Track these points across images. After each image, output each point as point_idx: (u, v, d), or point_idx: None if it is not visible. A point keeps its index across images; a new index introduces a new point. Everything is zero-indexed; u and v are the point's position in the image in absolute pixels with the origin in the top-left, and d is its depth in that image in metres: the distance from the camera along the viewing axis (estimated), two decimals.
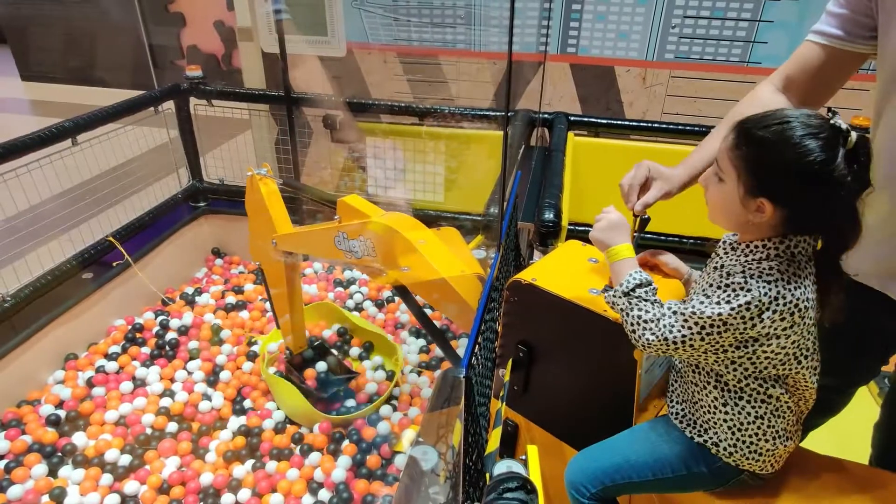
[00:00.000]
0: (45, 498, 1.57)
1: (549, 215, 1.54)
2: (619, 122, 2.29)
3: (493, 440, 1.06)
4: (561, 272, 1.25)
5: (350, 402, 1.89)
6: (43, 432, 1.72)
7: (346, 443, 1.74)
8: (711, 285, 0.91)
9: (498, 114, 2.20)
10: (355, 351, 2.09)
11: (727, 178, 0.90)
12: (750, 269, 0.87)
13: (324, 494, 1.63)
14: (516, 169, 1.79)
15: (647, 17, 2.62)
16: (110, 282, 2.14)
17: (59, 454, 1.69)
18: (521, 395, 1.33)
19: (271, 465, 1.70)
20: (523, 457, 0.99)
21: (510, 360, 1.30)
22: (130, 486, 1.62)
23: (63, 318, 1.98)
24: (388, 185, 2.44)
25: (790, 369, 0.93)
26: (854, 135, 0.81)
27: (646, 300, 0.96)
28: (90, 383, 1.91)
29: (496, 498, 0.82)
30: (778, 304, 0.85)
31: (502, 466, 0.88)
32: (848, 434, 1.40)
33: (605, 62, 2.70)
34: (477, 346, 1.03)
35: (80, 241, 2.12)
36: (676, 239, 2.41)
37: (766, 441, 0.98)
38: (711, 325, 0.88)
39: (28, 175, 1.90)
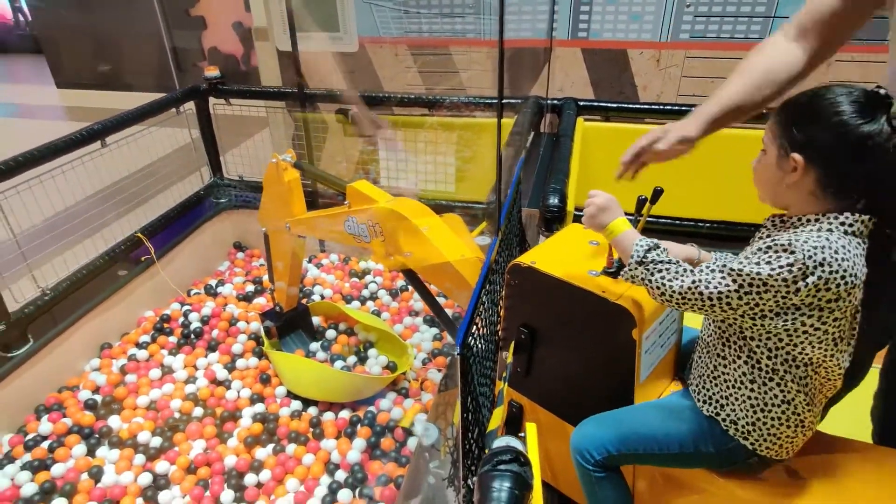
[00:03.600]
0: (85, 476, 1.68)
1: (553, 200, 1.57)
2: (629, 106, 2.29)
3: (495, 419, 1.10)
4: (561, 255, 1.28)
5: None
6: (82, 415, 1.85)
7: (360, 426, 1.82)
8: (755, 251, 0.89)
9: (494, 101, 2.22)
10: (361, 336, 2.16)
11: (767, 147, 0.94)
12: (797, 234, 0.87)
13: (340, 475, 1.70)
14: (523, 155, 1.82)
15: None
16: (140, 275, 2.26)
17: (97, 436, 1.80)
18: (525, 376, 1.37)
19: (290, 448, 1.79)
20: (522, 434, 1.04)
21: (512, 342, 1.34)
22: (161, 465, 1.72)
23: (98, 310, 2.11)
24: (399, 175, 2.50)
25: (825, 352, 0.90)
26: None
27: (662, 261, 0.95)
28: (123, 370, 2.03)
29: (490, 469, 0.87)
30: (824, 271, 0.82)
31: (500, 442, 0.92)
32: (850, 410, 1.39)
33: (617, 45, 2.69)
34: (475, 327, 1.08)
35: (112, 237, 2.24)
36: (692, 223, 2.40)
37: (788, 427, 0.97)
38: (751, 284, 0.85)
39: (62, 176, 2.02)
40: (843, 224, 0.87)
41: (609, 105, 2.30)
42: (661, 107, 2.36)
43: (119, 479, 1.68)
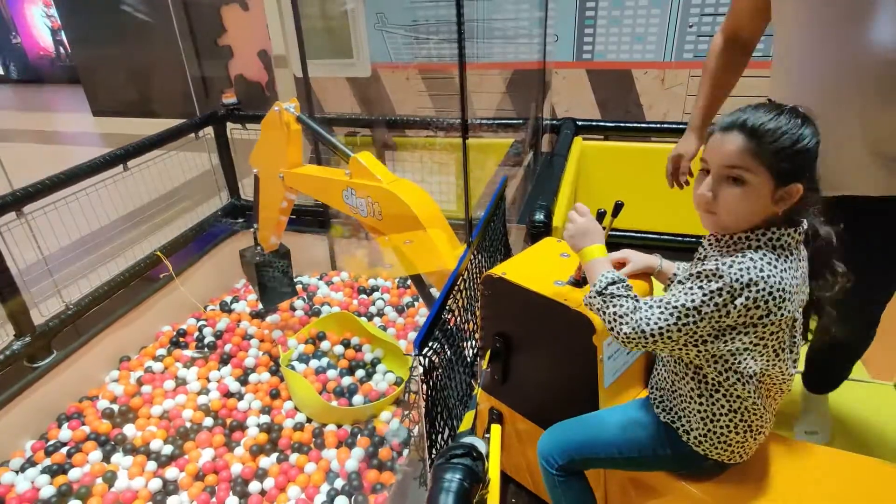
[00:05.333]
0: (99, 480, 1.81)
1: (538, 216, 1.66)
2: (626, 125, 2.36)
3: (466, 421, 1.18)
4: (532, 267, 1.35)
5: (358, 399, 2.05)
6: (99, 424, 1.99)
7: (359, 436, 1.91)
8: (688, 276, 0.95)
9: (494, 121, 2.32)
10: (368, 356, 2.26)
11: (750, 176, 0.90)
12: (724, 258, 0.92)
13: (338, 483, 1.79)
14: (505, 174, 1.92)
15: (663, 18, 2.68)
16: (158, 291, 2.42)
17: (112, 443, 1.94)
18: (502, 384, 1.43)
19: (293, 457, 1.88)
20: (487, 435, 1.11)
21: (488, 351, 1.41)
22: (171, 472, 1.85)
23: (118, 324, 2.27)
24: None
25: (768, 362, 0.95)
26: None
27: (619, 296, 0.99)
28: (140, 382, 2.18)
29: (443, 462, 0.96)
30: (751, 291, 0.87)
31: (461, 439, 1.00)
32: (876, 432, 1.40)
33: (621, 66, 2.78)
34: (437, 332, 1.15)
35: (133, 256, 2.42)
36: (670, 237, 2.43)
37: (738, 434, 1.02)
38: (686, 315, 0.90)
39: (87, 198, 2.21)
40: (770, 240, 0.92)
41: (607, 124, 2.38)
42: (660, 125, 2.42)
43: (131, 484, 1.81)
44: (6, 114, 6.99)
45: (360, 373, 2.18)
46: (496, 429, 1.10)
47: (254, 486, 1.81)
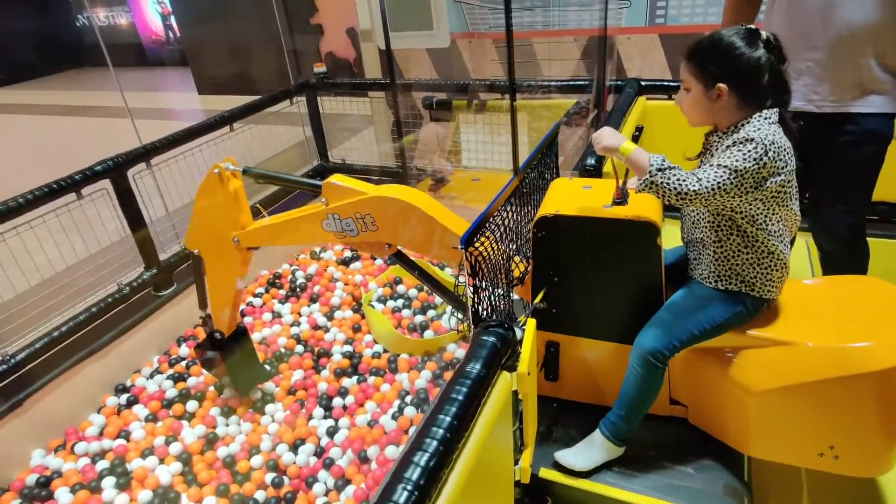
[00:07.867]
0: (211, 388, 2.26)
1: (590, 161, 1.90)
2: None
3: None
4: (570, 202, 1.54)
5: (429, 334, 2.38)
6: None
7: (428, 362, 2.24)
8: (726, 148, 1.26)
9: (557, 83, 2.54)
10: (439, 300, 2.58)
11: (691, 86, 1.34)
12: (747, 130, 1.26)
13: (409, 399, 2.13)
14: (562, 119, 2.15)
15: None
16: None
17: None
18: (562, 316, 1.61)
19: (371, 379, 2.25)
20: (524, 326, 1.37)
21: (544, 289, 1.60)
22: (268, 386, 2.27)
23: None
24: (476, 153, 2.91)
25: (788, 207, 1.31)
26: (764, 32, 1.27)
27: (674, 167, 1.27)
28: (243, 313, 2.63)
29: (481, 330, 1.26)
30: (774, 146, 1.23)
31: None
32: None
33: (694, 29, 2.91)
34: (484, 231, 1.38)
35: None
36: None
37: (777, 270, 1.38)
38: (736, 170, 1.22)
39: (201, 154, 2.68)
40: (766, 119, 1.27)
41: (671, 84, 2.53)
42: None
43: (237, 392, 2.24)
44: (125, 94, 7.96)
45: (430, 312, 2.51)
46: (531, 322, 1.37)
47: (337, 402, 2.19)
